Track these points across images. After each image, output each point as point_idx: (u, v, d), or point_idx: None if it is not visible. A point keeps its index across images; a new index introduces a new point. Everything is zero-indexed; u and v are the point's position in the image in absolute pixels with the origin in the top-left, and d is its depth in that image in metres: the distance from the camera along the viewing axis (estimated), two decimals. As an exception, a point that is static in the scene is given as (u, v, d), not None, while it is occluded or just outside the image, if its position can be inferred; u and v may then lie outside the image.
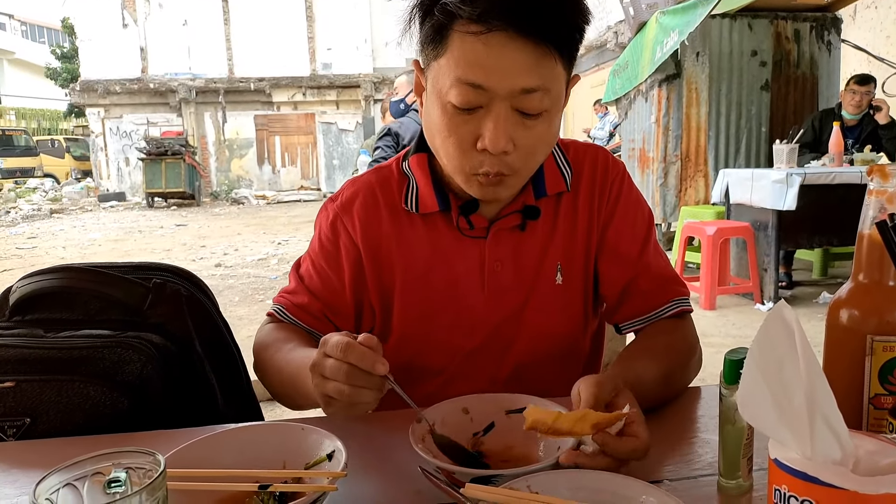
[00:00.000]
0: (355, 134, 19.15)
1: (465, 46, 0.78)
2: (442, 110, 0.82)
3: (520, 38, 0.76)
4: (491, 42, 0.76)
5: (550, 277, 0.97)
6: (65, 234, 10.68)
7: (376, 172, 1.01)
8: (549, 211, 0.97)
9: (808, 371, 0.50)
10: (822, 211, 4.15)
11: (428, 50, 0.83)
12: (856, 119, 4.78)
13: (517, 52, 0.77)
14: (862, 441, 0.51)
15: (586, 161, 1.00)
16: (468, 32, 0.77)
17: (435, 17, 0.79)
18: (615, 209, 0.99)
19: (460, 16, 0.77)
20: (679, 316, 0.99)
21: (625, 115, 6.63)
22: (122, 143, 18.61)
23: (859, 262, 0.69)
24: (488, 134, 0.80)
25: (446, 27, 0.79)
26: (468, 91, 0.79)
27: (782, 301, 0.53)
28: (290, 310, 0.97)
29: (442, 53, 0.80)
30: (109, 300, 0.94)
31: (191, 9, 18.45)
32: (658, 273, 1.00)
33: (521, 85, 0.78)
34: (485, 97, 0.79)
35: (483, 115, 0.80)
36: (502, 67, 0.77)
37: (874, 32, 7.18)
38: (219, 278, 6.46)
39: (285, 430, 0.71)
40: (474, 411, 0.78)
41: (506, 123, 0.80)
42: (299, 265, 1.01)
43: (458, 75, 0.79)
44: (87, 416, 0.86)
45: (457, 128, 0.82)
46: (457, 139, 0.83)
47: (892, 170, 0.66)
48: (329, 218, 0.99)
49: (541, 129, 0.83)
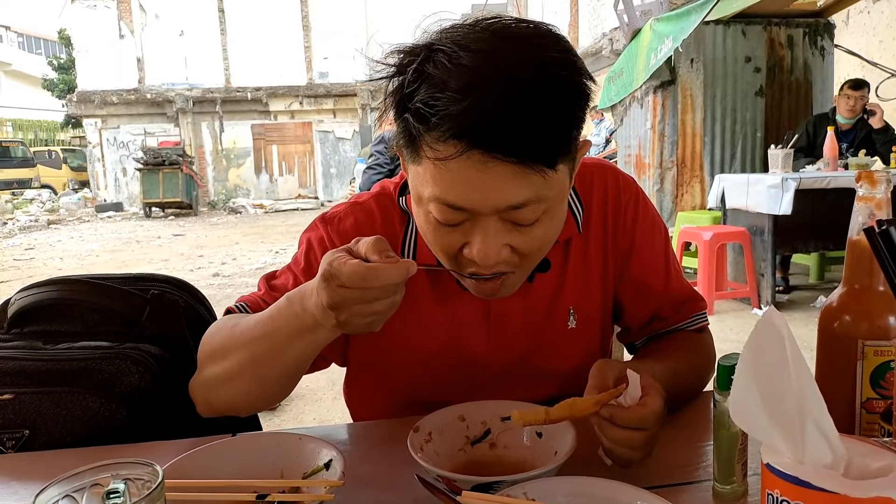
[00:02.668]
0: (352, 142, 19.18)
1: (436, 168, 0.68)
2: (425, 218, 0.75)
3: (496, 159, 0.65)
4: (465, 165, 0.66)
5: (562, 323, 0.92)
6: (62, 246, 10.66)
7: (377, 200, 0.93)
8: (558, 258, 0.91)
9: (799, 376, 0.51)
10: (818, 215, 4.17)
11: (403, 150, 0.73)
12: (850, 123, 4.80)
13: (496, 170, 0.66)
14: (852, 445, 0.52)
15: (595, 189, 0.93)
16: (436, 157, 0.67)
17: (407, 122, 0.69)
18: (634, 237, 0.94)
19: (430, 131, 0.66)
20: (697, 330, 0.98)
21: (620, 122, 6.65)
22: (119, 154, 18.62)
23: (850, 268, 0.70)
24: (476, 248, 0.71)
25: (419, 137, 0.68)
26: (448, 211, 0.70)
27: (772, 307, 0.53)
28: (254, 308, 0.87)
29: (417, 161, 0.71)
30: (107, 312, 0.94)
31: (187, 19, 18.51)
32: (681, 298, 0.97)
33: (508, 202, 0.68)
34: (468, 213, 0.70)
35: (469, 227, 0.72)
36: (482, 187, 0.67)
37: (867, 37, 7.22)
38: (216, 288, 6.45)
39: (283, 439, 0.71)
40: (470, 419, 0.79)
41: (496, 236, 0.71)
42: (273, 276, 0.92)
43: (435, 194, 0.69)
44: (86, 427, 0.86)
45: (441, 237, 0.74)
46: (443, 247, 0.75)
47: (879, 176, 0.67)
48: (321, 239, 0.91)
49: (539, 233, 0.74)
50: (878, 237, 0.55)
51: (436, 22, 0.71)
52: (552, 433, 0.74)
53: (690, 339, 0.97)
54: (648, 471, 0.71)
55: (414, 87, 0.67)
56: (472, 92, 0.63)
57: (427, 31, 0.70)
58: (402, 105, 0.69)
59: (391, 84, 0.71)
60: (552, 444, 0.73)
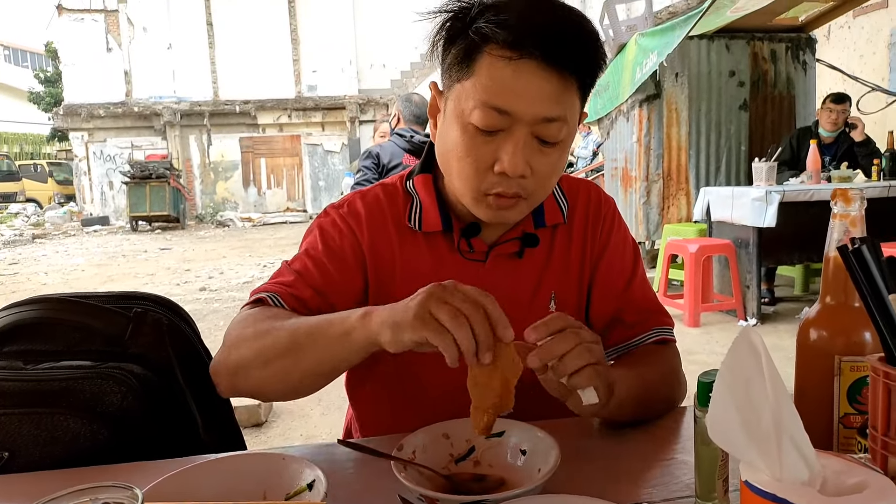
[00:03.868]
0: (341, 155, 19.20)
1: (494, 71, 0.80)
2: (462, 130, 0.84)
3: (548, 68, 0.79)
4: (521, 68, 0.79)
5: (544, 305, 0.99)
6: (47, 260, 10.56)
7: (382, 187, 1.02)
8: (545, 241, 0.99)
9: (775, 393, 0.51)
10: (802, 227, 4.21)
11: (453, 72, 0.84)
12: (832, 137, 4.87)
13: (544, 80, 0.79)
14: (828, 461, 0.52)
15: (580, 195, 1.04)
16: (500, 56, 0.79)
17: (468, 39, 0.81)
18: (607, 244, 1.03)
19: (494, 40, 0.79)
20: (661, 343, 1.01)
21: (607, 135, 6.71)
22: (105, 167, 18.50)
23: (826, 284, 0.71)
24: (507, 158, 0.81)
25: (477, 50, 0.81)
26: (492, 115, 0.80)
27: (748, 325, 0.54)
28: (287, 300, 0.90)
29: (468, 76, 0.82)
30: (90, 331, 0.93)
31: (175, 33, 18.51)
32: (644, 306, 1.03)
33: (545, 113, 0.80)
34: (507, 121, 0.81)
35: (503, 139, 0.82)
36: (529, 94, 0.79)
37: (848, 52, 7.36)
38: (203, 302, 6.41)
39: (266, 459, 0.71)
40: (454, 436, 0.79)
41: (525, 149, 0.82)
42: (291, 263, 0.97)
43: (484, 98, 0.80)
44: (67, 448, 0.85)
45: (476, 149, 0.83)
46: (474, 160, 0.84)
47: (853, 194, 0.68)
48: (335, 221, 0.98)
49: (555, 158, 0.85)
50: (851, 255, 0.56)
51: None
52: (536, 451, 0.75)
53: (655, 350, 1.00)
54: (630, 487, 0.71)
55: (480, 11, 0.81)
56: (535, 11, 0.79)
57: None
58: (465, 27, 0.81)
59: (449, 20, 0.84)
60: (536, 461, 0.73)
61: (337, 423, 1.06)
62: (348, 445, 0.81)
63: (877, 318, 0.56)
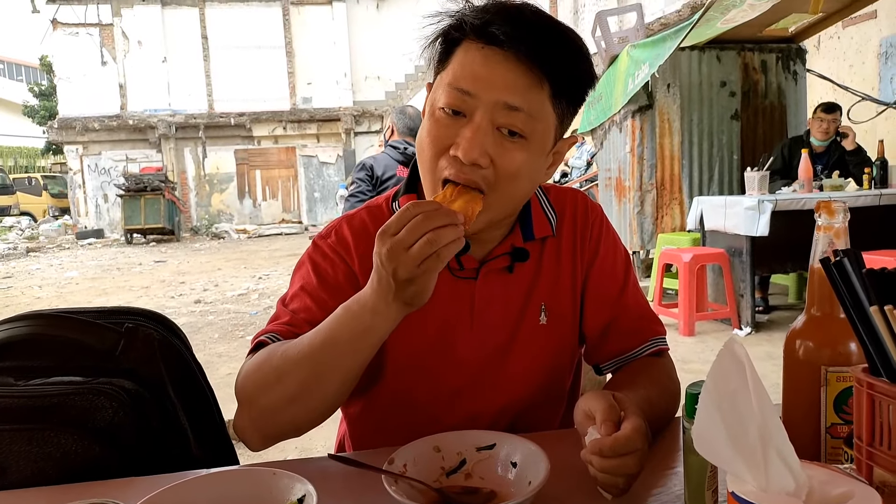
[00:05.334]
0: (336, 167, 19.24)
1: (465, 56, 0.83)
2: (430, 117, 0.86)
3: (514, 59, 0.81)
4: (488, 55, 0.81)
5: (534, 318, 0.98)
6: (41, 274, 10.52)
7: (367, 210, 1.01)
8: (535, 254, 0.99)
9: (760, 405, 0.52)
10: (795, 236, 4.21)
11: (437, 67, 0.88)
12: (824, 146, 4.91)
13: (509, 70, 0.81)
14: (814, 472, 0.53)
15: (567, 205, 1.04)
16: (471, 43, 0.83)
17: (449, 34, 0.86)
18: (597, 252, 1.03)
19: (471, 31, 0.82)
20: (657, 354, 1.02)
21: (600, 145, 6.74)
22: (100, 180, 18.49)
23: (812, 296, 0.72)
24: (463, 141, 0.82)
25: (455, 43, 0.85)
26: (455, 94, 0.82)
27: (732, 337, 0.55)
28: (287, 337, 0.89)
29: (445, 67, 0.86)
30: (81, 346, 0.93)
31: (170, 46, 18.57)
32: (637, 313, 1.03)
33: (505, 99, 0.81)
34: (470, 105, 0.82)
35: (463, 125, 0.83)
36: (491, 79, 0.81)
37: (838, 62, 7.42)
38: (198, 315, 6.39)
39: (256, 474, 0.71)
40: (445, 449, 0.79)
41: (483, 135, 0.82)
42: (287, 302, 0.95)
43: (450, 80, 0.83)
44: (58, 465, 0.85)
45: (437, 130, 0.84)
46: (433, 140, 0.85)
47: (837, 206, 0.70)
48: (325, 253, 0.97)
49: (519, 157, 0.84)
50: (833, 268, 0.57)
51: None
52: (526, 464, 0.75)
53: (654, 364, 1.00)
54: (621, 499, 0.72)
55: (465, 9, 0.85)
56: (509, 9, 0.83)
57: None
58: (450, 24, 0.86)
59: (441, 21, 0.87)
60: (526, 474, 0.74)
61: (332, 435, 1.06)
62: (339, 459, 0.81)
63: (860, 330, 0.57)
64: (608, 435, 0.70)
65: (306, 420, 0.85)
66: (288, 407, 0.82)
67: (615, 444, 0.69)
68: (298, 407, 0.82)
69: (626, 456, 0.69)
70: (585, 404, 0.76)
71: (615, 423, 0.71)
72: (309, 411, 0.83)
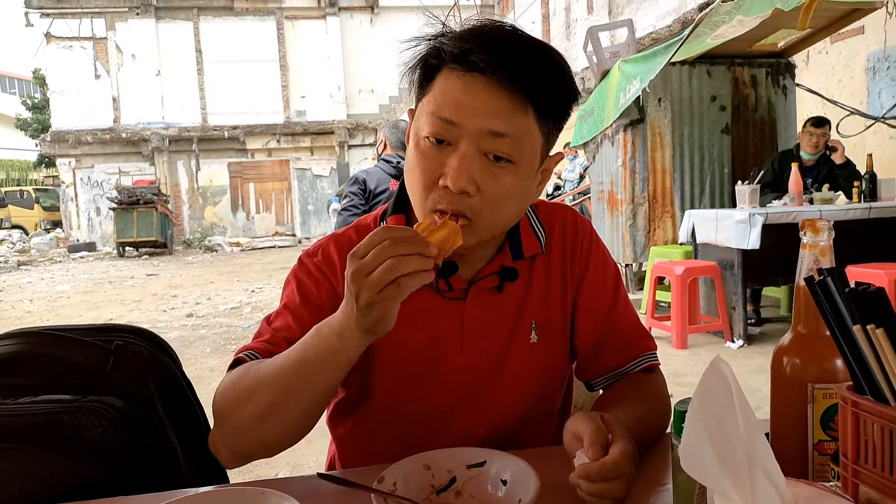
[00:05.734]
0: (330, 179, 19.26)
1: (446, 84, 0.82)
2: (415, 147, 0.85)
3: (497, 85, 0.80)
4: (469, 82, 0.81)
5: (525, 336, 0.98)
6: (32, 287, 10.45)
7: (356, 230, 1.00)
8: (524, 272, 0.99)
9: (746, 424, 0.52)
10: (785, 249, 4.25)
11: (417, 94, 0.87)
12: (813, 159, 4.95)
13: (492, 96, 0.80)
14: (800, 489, 0.53)
15: (556, 221, 1.04)
16: (453, 72, 0.82)
17: (428, 62, 0.85)
18: (587, 268, 1.02)
19: (450, 58, 0.81)
20: (648, 370, 1.02)
21: (593, 159, 6.78)
22: (93, 193, 18.45)
23: (798, 313, 0.72)
24: (450, 171, 0.81)
25: (435, 70, 0.84)
26: (439, 124, 0.82)
27: (718, 356, 0.55)
28: (266, 356, 0.89)
29: (426, 94, 0.85)
30: (70, 364, 0.93)
31: (164, 59, 18.61)
32: (628, 328, 1.03)
33: (490, 126, 0.81)
34: (454, 133, 0.82)
35: (450, 152, 0.82)
36: (474, 106, 0.81)
37: (826, 76, 7.51)
38: (190, 329, 6.36)
39: (245, 493, 0.71)
40: (435, 467, 0.79)
41: (470, 163, 0.81)
42: (271, 320, 0.96)
43: (433, 109, 0.83)
44: (47, 484, 0.84)
45: (424, 162, 0.84)
46: (422, 172, 0.84)
47: (822, 224, 0.70)
48: (309, 271, 0.97)
49: (506, 181, 0.83)
50: (817, 287, 0.57)
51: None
52: (516, 481, 0.75)
53: (644, 381, 1.00)
54: (611, 517, 0.72)
55: (443, 34, 0.84)
56: (487, 34, 0.82)
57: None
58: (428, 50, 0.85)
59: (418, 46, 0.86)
60: (516, 492, 0.74)
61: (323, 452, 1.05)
62: (328, 478, 0.81)
63: (844, 349, 0.58)
64: (596, 459, 0.70)
65: (276, 441, 0.84)
66: (258, 425, 0.82)
67: (602, 468, 0.69)
68: (268, 426, 0.82)
69: (614, 480, 0.69)
70: (574, 426, 0.76)
71: (603, 447, 0.72)
72: (278, 431, 0.83)
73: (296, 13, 19.27)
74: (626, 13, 11.03)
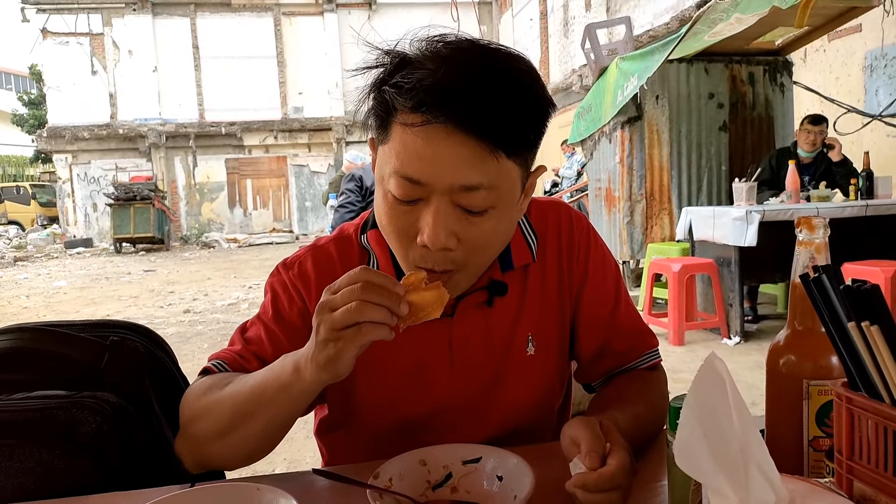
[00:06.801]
0: (327, 176, 19.22)
1: (404, 138, 0.74)
2: (384, 198, 0.79)
3: (459, 133, 0.71)
4: (428, 135, 0.72)
5: (521, 349, 0.94)
6: (29, 283, 10.43)
7: (336, 243, 0.96)
8: (516, 284, 0.94)
9: (741, 420, 0.52)
10: (782, 246, 4.22)
11: (375, 134, 0.80)
12: (811, 157, 4.95)
13: (457, 146, 0.72)
14: (795, 486, 0.53)
15: (549, 223, 0.98)
16: (406, 124, 0.73)
17: (378, 105, 0.77)
18: (586, 269, 0.98)
19: (401, 107, 0.73)
20: (650, 368, 1.00)
21: (590, 156, 6.78)
22: (89, 189, 18.41)
23: (793, 310, 0.72)
24: (426, 229, 0.75)
25: (389, 115, 0.76)
26: (406, 185, 0.75)
27: (713, 353, 0.55)
28: (234, 366, 0.88)
29: (385, 141, 0.77)
30: (65, 360, 0.93)
31: (161, 55, 18.55)
32: (630, 330, 1.00)
33: (461, 181, 0.74)
34: (423, 191, 0.75)
35: (422, 208, 0.76)
36: (440, 162, 0.73)
37: (824, 74, 7.51)
38: (187, 325, 6.35)
39: (240, 490, 0.71)
40: (431, 463, 0.79)
41: (445, 219, 0.75)
42: (245, 328, 0.94)
43: (395, 167, 0.75)
44: (41, 480, 0.84)
45: (397, 219, 0.78)
46: (397, 230, 0.79)
47: (818, 222, 0.70)
48: (285, 284, 0.93)
49: (488, 227, 0.78)
50: (812, 284, 0.58)
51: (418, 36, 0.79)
52: (512, 477, 0.75)
53: (645, 378, 0.98)
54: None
55: (393, 69, 0.75)
56: (444, 71, 0.71)
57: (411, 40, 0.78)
58: (380, 86, 0.76)
59: (371, 77, 0.78)
60: (512, 487, 0.74)
61: (320, 448, 1.06)
62: (324, 474, 0.81)
63: (839, 346, 0.58)
64: (592, 468, 0.69)
65: (233, 456, 0.85)
66: (215, 441, 0.82)
67: (599, 479, 0.68)
68: (225, 443, 0.82)
69: (611, 492, 0.68)
70: (571, 431, 0.74)
71: (600, 456, 0.70)
72: (235, 448, 0.83)
73: (293, 9, 19.22)
74: (623, 10, 11.02)
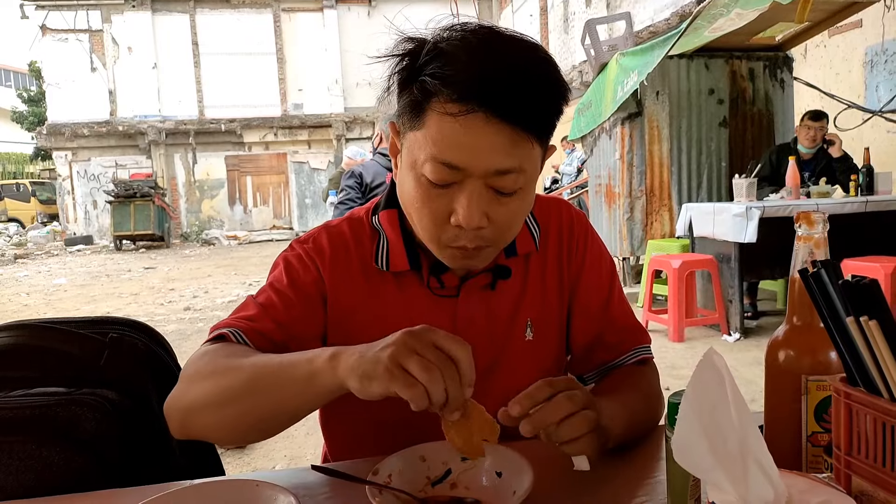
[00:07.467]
0: (327, 173, 19.21)
1: (443, 126, 0.77)
2: (416, 182, 0.82)
3: (496, 121, 0.76)
4: (468, 123, 0.76)
5: (520, 334, 0.98)
6: (29, 280, 10.43)
7: (349, 223, 1.00)
8: (518, 270, 0.98)
9: (739, 416, 0.52)
10: (782, 242, 4.21)
11: (405, 119, 0.83)
12: (811, 153, 4.95)
13: (494, 134, 0.77)
14: (793, 481, 0.53)
15: (552, 217, 1.03)
16: (446, 113, 0.76)
17: (415, 91, 0.79)
18: (583, 264, 1.02)
19: (440, 95, 0.77)
20: (641, 363, 1.02)
21: (590, 152, 6.78)
22: (89, 186, 18.41)
23: (792, 305, 0.72)
24: (462, 210, 0.80)
25: (425, 102, 0.79)
26: (443, 169, 0.79)
27: (711, 348, 0.55)
28: (250, 335, 0.87)
29: (419, 127, 0.80)
30: (65, 356, 0.93)
31: (161, 52, 18.53)
32: (622, 325, 1.03)
33: (496, 166, 0.78)
34: (459, 175, 0.79)
35: (457, 191, 0.80)
36: (478, 148, 0.77)
37: (824, 70, 7.50)
38: (187, 322, 6.35)
39: (240, 486, 0.71)
40: (430, 459, 0.79)
41: (479, 200, 0.80)
42: (256, 297, 0.94)
43: (433, 153, 0.78)
44: (40, 476, 0.84)
45: (430, 201, 0.82)
46: (430, 212, 0.82)
47: (817, 217, 0.70)
48: (300, 256, 0.96)
49: (515, 206, 0.83)
50: (811, 279, 0.57)
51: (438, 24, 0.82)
52: (511, 473, 0.75)
53: (636, 372, 1.01)
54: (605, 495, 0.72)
55: (428, 59, 0.78)
56: (481, 62, 0.76)
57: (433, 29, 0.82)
58: (413, 76, 0.79)
59: (399, 65, 0.81)
60: (511, 483, 0.74)
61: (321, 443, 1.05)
62: (322, 471, 0.81)
63: (837, 341, 0.58)
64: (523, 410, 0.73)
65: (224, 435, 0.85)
66: (215, 411, 0.80)
67: (520, 397, 0.73)
68: (223, 416, 0.79)
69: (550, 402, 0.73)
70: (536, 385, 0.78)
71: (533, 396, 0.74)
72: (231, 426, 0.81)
73: (293, 6, 19.19)
74: (623, 6, 11.00)
